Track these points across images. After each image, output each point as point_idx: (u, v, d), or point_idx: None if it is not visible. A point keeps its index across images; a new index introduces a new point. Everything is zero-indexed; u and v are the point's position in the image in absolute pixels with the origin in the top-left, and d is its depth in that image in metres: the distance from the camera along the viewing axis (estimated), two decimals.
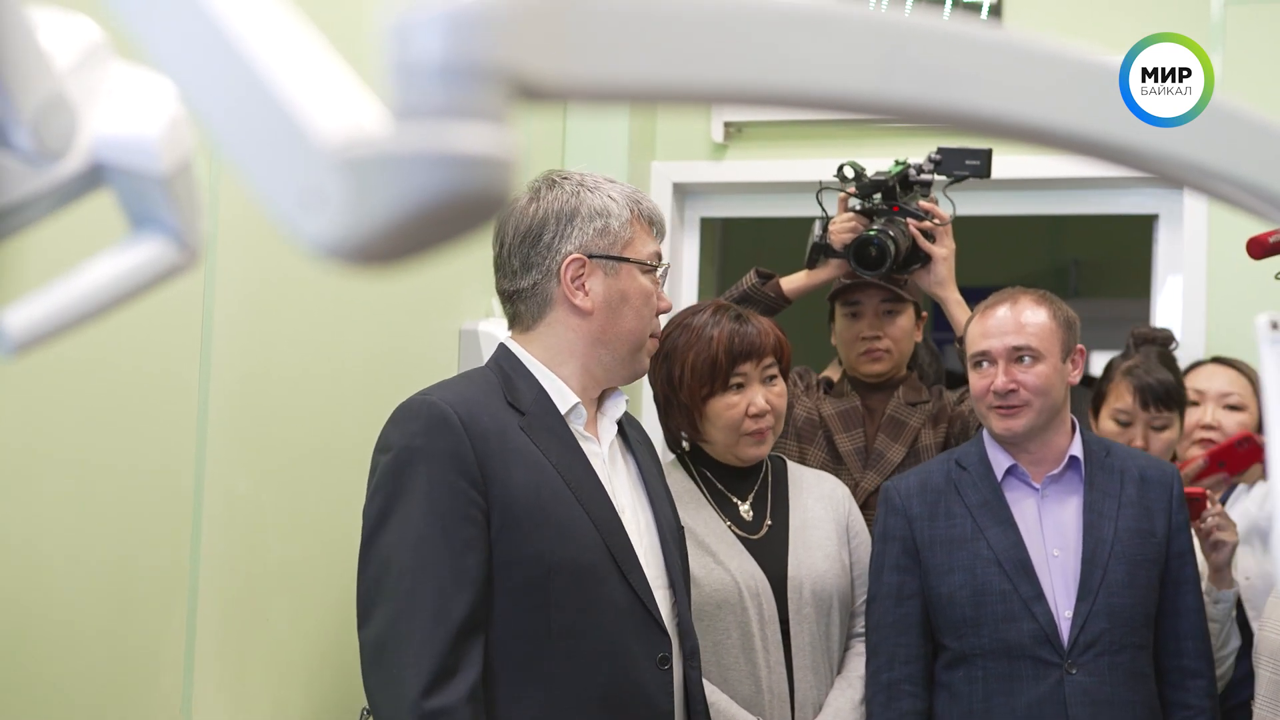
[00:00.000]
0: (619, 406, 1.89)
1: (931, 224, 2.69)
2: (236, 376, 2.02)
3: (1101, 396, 2.78)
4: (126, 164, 0.82)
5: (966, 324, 2.39)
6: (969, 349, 2.33)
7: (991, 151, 2.71)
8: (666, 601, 1.84)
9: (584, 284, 1.80)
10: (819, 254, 2.74)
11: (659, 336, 1.90)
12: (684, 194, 3.69)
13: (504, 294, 1.86)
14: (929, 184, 2.75)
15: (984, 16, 3.39)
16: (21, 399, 1.61)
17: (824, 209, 2.78)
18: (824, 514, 2.37)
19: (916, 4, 3.30)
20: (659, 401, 2.38)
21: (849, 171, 2.75)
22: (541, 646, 1.70)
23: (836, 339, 2.85)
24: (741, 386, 2.29)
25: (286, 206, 0.49)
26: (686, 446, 2.41)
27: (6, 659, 1.61)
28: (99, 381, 1.75)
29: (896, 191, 2.73)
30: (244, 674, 2.07)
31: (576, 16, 0.49)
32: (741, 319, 2.32)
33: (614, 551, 1.75)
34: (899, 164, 2.74)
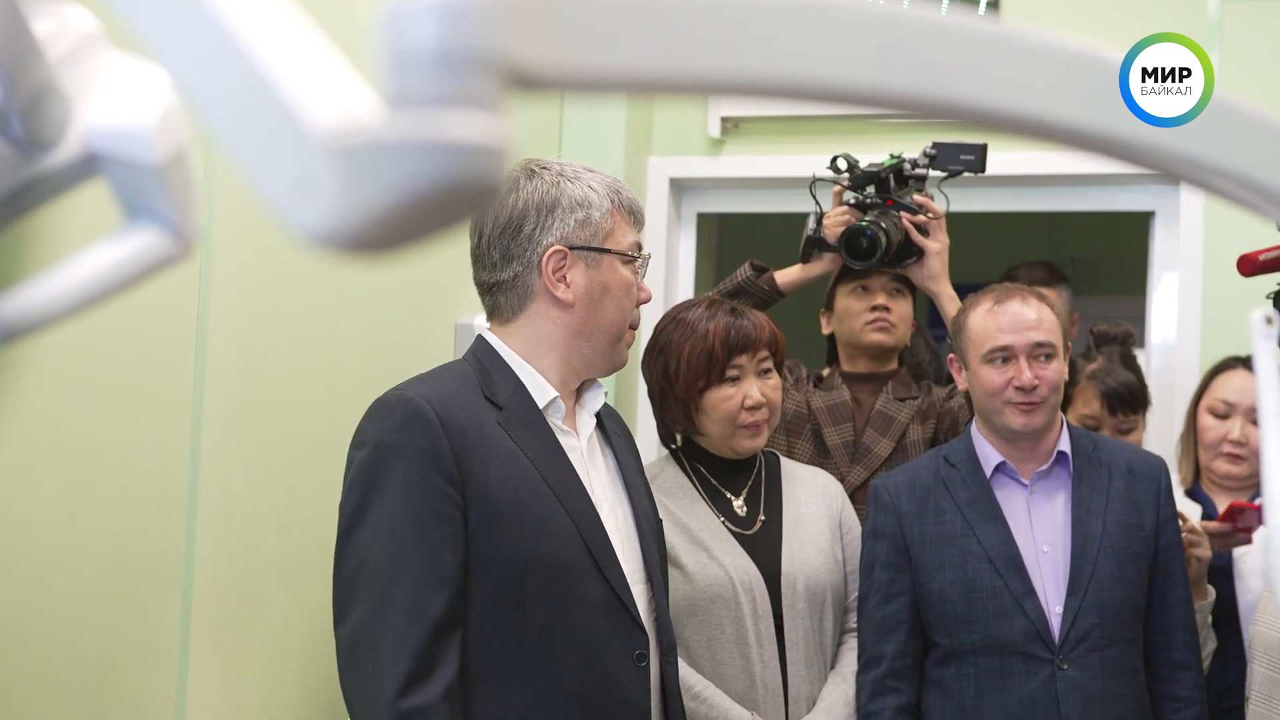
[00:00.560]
0: (598, 399, 1.86)
1: (925, 218, 2.69)
2: (232, 370, 2.02)
3: (1067, 400, 2.77)
4: (121, 153, 0.82)
5: (961, 319, 2.37)
6: (982, 345, 2.29)
7: (986, 147, 2.71)
8: (644, 597, 1.82)
9: (565, 276, 1.77)
10: (813, 247, 2.74)
11: (638, 328, 1.88)
12: (680, 189, 3.69)
13: (482, 286, 1.83)
14: (924, 178, 2.75)
15: (981, 12, 3.39)
16: (15, 392, 1.61)
17: (818, 202, 2.78)
18: (817, 509, 2.38)
19: None
20: (654, 396, 2.39)
21: (842, 164, 2.75)
22: (518, 644, 1.68)
23: (837, 321, 2.84)
24: (737, 379, 2.30)
25: (280, 195, 0.49)
26: (679, 442, 2.41)
27: (1, 651, 1.60)
28: (93, 374, 1.74)
29: (890, 185, 2.73)
30: (238, 667, 2.06)
31: (571, 5, 0.49)
32: (737, 313, 2.33)
33: (591, 547, 1.72)
34: (894, 158, 2.74)
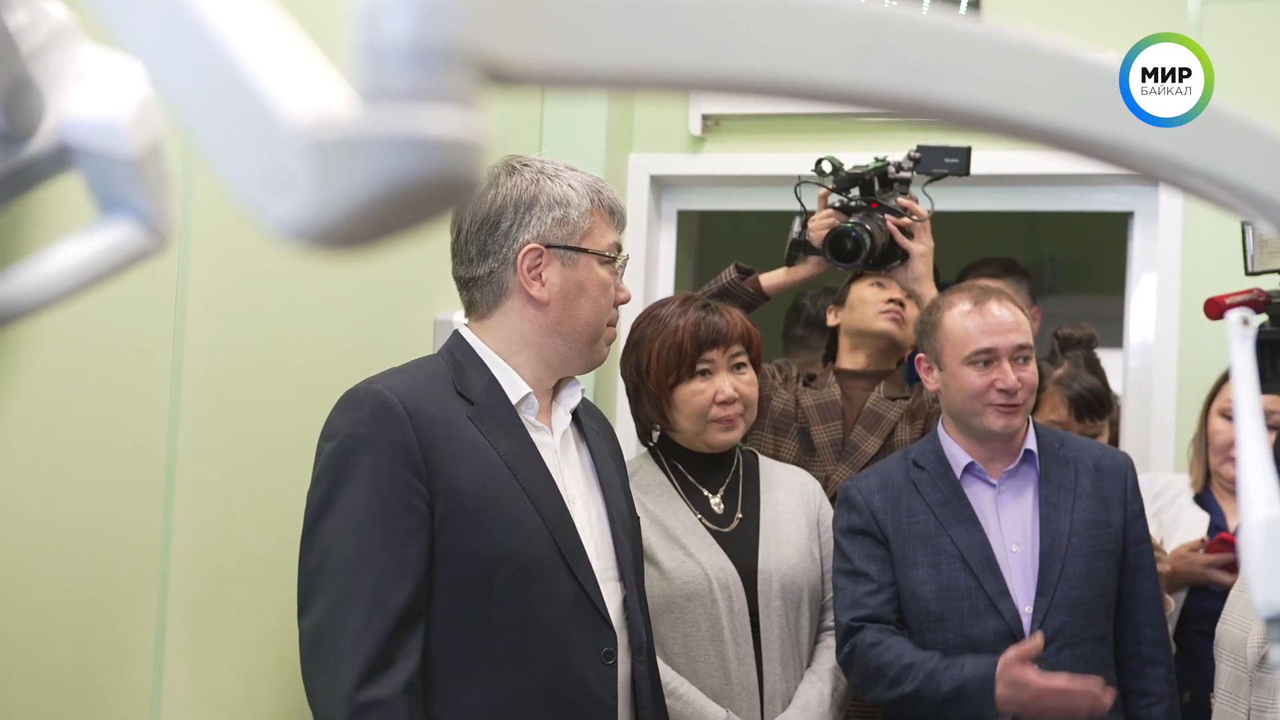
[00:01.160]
0: (574, 396, 1.86)
1: (910, 221, 2.69)
2: (209, 365, 2.01)
3: (1034, 405, 2.78)
4: (95, 146, 0.81)
5: (934, 318, 2.36)
6: (964, 347, 2.28)
7: (970, 149, 2.72)
8: (616, 595, 1.81)
9: (540, 274, 1.77)
10: (798, 251, 2.75)
11: (616, 326, 1.88)
12: (661, 186, 3.69)
13: (460, 281, 1.83)
14: (908, 181, 2.76)
15: (961, 11, 3.40)
16: None
17: (802, 205, 2.78)
18: (795, 508, 2.38)
19: None
20: (629, 391, 2.39)
21: (827, 166, 2.75)
22: (483, 639, 1.67)
23: (848, 311, 2.87)
24: (708, 373, 2.30)
25: (252, 189, 0.49)
26: (656, 438, 2.41)
27: None
28: (69, 368, 1.73)
29: (875, 187, 2.74)
30: (214, 663, 2.05)
31: (548, 0, 0.48)
32: (709, 309, 2.34)
33: (560, 544, 1.72)
34: (878, 160, 2.74)
